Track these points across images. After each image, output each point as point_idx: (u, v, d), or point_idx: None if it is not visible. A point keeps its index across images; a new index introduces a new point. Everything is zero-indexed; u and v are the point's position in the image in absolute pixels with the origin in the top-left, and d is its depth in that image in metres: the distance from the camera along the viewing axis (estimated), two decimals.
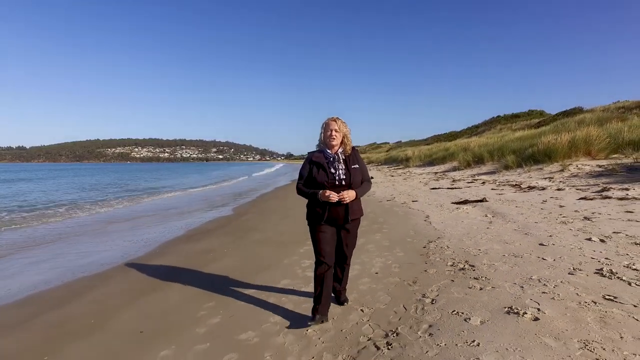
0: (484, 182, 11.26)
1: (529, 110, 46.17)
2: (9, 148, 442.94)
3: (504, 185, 10.03)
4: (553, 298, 2.42)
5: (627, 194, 6.38)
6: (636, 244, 3.51)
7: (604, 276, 2.74)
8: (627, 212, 5.04)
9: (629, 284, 2.55)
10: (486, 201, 7.42)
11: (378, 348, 2.06)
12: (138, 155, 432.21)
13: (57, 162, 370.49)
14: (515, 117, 44.34)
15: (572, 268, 2.99)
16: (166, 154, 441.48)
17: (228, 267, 4.16)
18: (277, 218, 7.75)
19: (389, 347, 2.05)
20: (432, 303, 2.60)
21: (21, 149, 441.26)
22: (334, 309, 2.70)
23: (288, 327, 2.49)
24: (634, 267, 2.88)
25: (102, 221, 8.54)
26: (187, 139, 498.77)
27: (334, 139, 2.48)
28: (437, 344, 1.99)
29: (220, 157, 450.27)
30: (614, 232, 4.00)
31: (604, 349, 1.76)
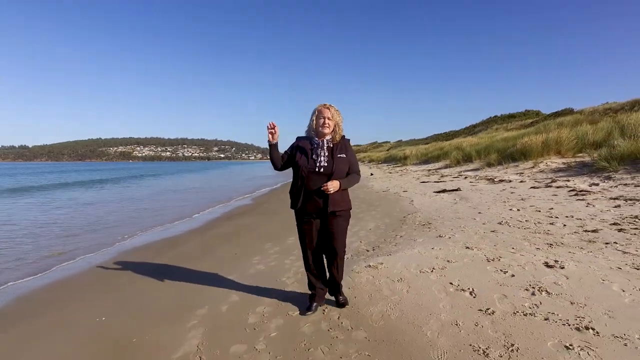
0: (466, 177, 13.16)
1: (525, 110, 47.13)
2: (12, 147, 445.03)
3: (482, 179, 11.95)
4: (464, 232, 4.40)
5: (566, 184, 8.31)
6: (535, 210, 5.48)
7: (500, 224, 4.72)
8: (553, 195, 6.99)
9: (510, 225, 4.55)
10: (460, 190, 9.38)
11: (367, 251, 4.07)
12: (140, 155, 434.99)
13: (59, 161, 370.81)
14: (511, 117, 45.45)
15: (486, 222, 4.97)
16: (168, 153, 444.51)
17: (268, 230, 6.12)
18: None
19: (372, 250, 4.06)
20: (400, 237, 4.61)
21: (24, 147, 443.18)
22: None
23: None
24: (521, 220, 4.86)
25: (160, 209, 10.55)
26: (188, 138, 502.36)
27: (327, 127, 2.39)
28: (397, 247, 3.99)
29: (222, 156, 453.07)
30: (530, 206, 5.97)
31: (472, 244, 3.75)
